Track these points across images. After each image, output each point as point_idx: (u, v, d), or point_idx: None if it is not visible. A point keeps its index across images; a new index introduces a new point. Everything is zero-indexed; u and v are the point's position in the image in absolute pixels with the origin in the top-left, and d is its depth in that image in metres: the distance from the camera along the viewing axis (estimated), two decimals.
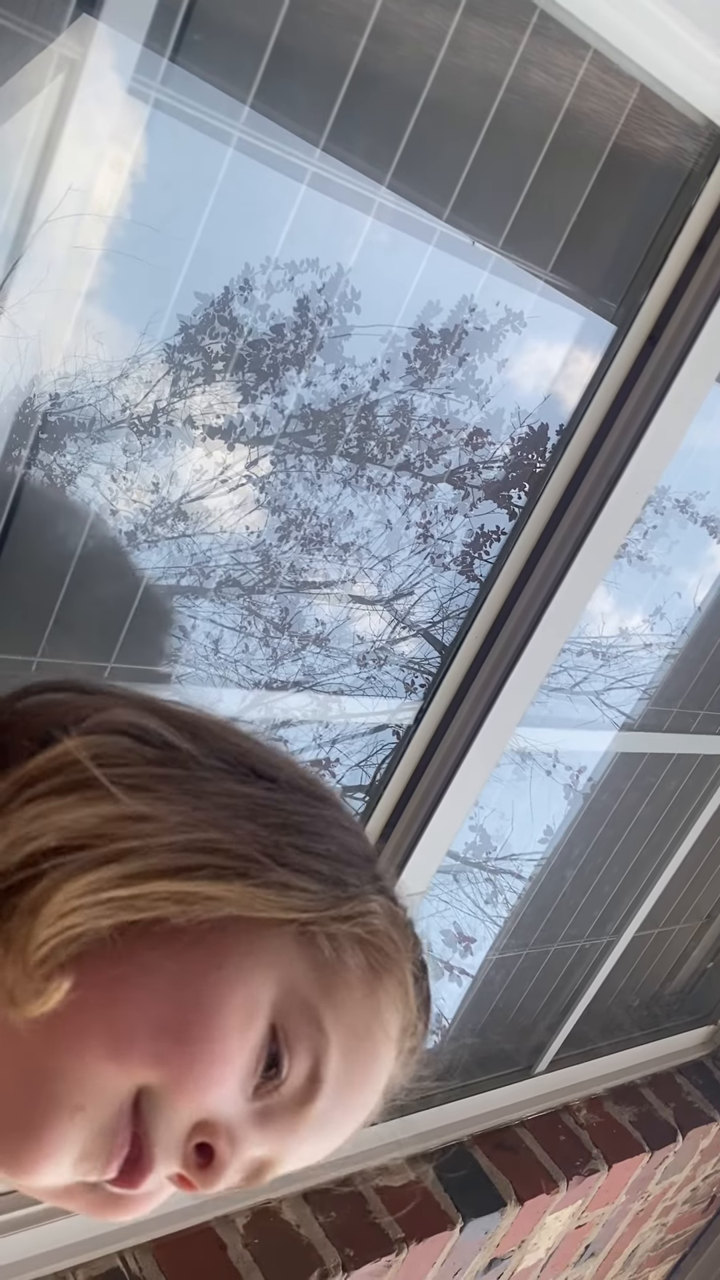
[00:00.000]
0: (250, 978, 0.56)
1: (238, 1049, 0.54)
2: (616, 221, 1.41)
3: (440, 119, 1.19)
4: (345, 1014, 0.59)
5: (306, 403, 1.29)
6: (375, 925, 0.62)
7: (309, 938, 0.59)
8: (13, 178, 0.95)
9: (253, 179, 1.11)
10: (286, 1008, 0.57)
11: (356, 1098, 0.61)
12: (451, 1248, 1.99)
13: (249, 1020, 0.55)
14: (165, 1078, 0.53)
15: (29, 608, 1.20)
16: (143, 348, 1.12)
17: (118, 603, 1.26)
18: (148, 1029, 0.53)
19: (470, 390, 1.42)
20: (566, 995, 2.46)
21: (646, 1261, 3.04)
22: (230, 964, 0.55)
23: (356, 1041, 0.60)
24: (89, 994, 0.53)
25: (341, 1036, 0.59)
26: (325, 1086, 0.58)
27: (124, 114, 0.99)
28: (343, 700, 1.54)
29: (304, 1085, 0.58)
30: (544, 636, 1.56)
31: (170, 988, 0.54)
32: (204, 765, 0.60)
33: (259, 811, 0.60)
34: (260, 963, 0.56)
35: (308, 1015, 0.57)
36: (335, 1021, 0.58)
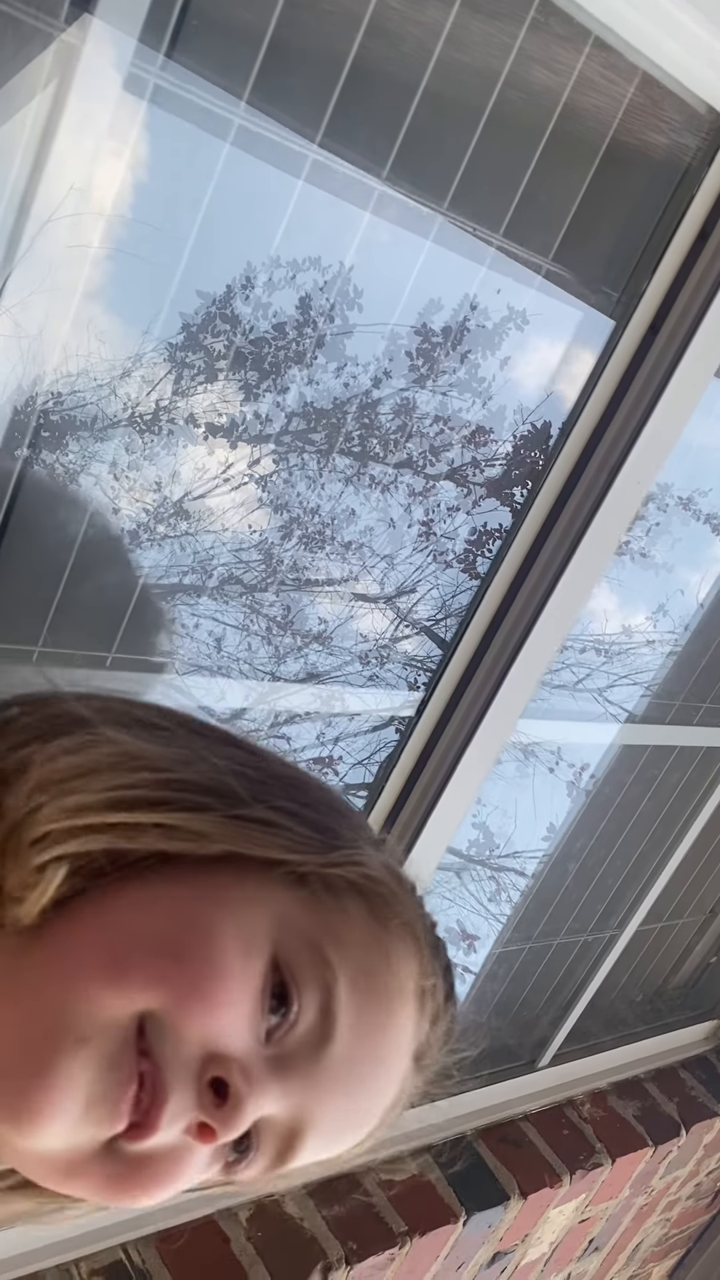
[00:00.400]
0: (248, 909, 0.55)
1: (240, 972, 0.53)
2: (616, 213, 1.40)
3: (438, 111, 1.18)
4: (351, 949, 0.57)
5: (308, 400, 1.28)
6: (371, 874, 0.61)
7: (302, 880, 0.58)
8: (10, 176, 0.95)
9: (251, 174, 1.11)
10: (288, 941, 0.55)
11: (377, 1043, 0.58)
12: (455, 1241, 1.99)
13: (248, 946, 0.54)
14: (167, 999, 0.51)
15: (29, 600, 1.20)
16: (144, 346, 1.12)
17: (118, 595, 1.26)
18: (145, 951, 0.52)
19: (472, 387, 1.41)
20: (570, 990, 2.46)
21: (650, 1256, 3.05)
22: (226, 897, 0.55)
23: (367, 977, 0.58)
24: (85, 924, 0.53)
25: (349, 970, 0.57)
26: (340, 1022, 0.56)
27: (121, 110, 0.98)
28: (345, 698, 1.54)
29: (317, 1021, 0.55)
30: (543, 631, 1.56)
31: (167, 915, 0.53)
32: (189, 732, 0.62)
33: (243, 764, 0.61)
34: (257, 897, 0.56)
35: (310, 948, 0.56)
36: (340, 955, 0.57)
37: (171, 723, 0.62)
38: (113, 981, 0.51)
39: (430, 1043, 0.64)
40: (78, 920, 0.53)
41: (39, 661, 1.20)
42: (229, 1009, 0.52)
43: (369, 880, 0.61)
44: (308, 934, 0.56)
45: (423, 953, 0.63)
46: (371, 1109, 0.60)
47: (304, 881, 0.58)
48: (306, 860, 0.58)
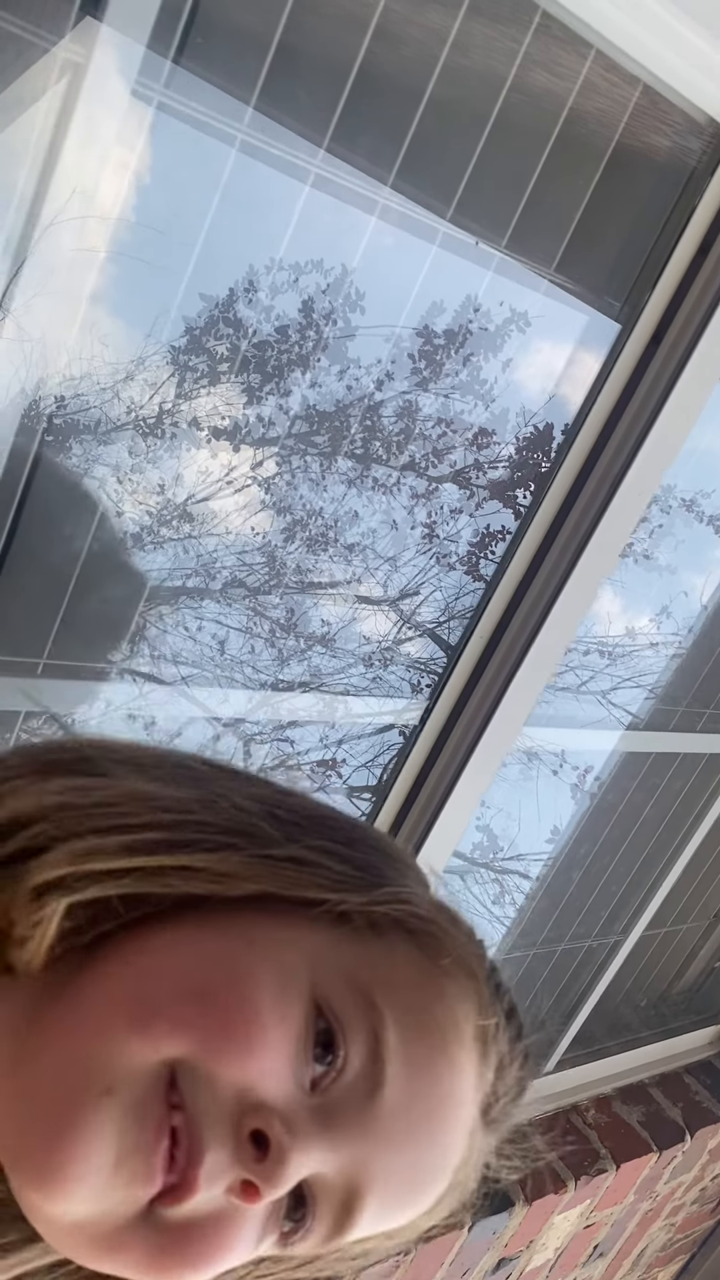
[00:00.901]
0: (282, 950, 0.51)
1: (275, 1014, 0.49)
2: (620, 220, 1.40)
3: (443, 119, 1.19)
4: (399, 992, 0.53)
5: (311, 404, 1.29)
6: (421, 912, 0.57)
7: (343, 919, 0.54)
8: (18, 181, 0.95)
9: (257, 180, 1.11)
10: (328, 984, 0.51)
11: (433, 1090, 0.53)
12: (460, 1248, 1.99)
13: (283, 988, 0.50)
14: (196, 1044, 0.47)
15: (35, 610, 1.20)
16: (148, 350, 1.13)
17: (123, 605, 1.27)
18: (172, 996, 0.48)
19: (475, 390, 1.42)
20: (574, 995, 2.46)
21: (655, 1261, 3.04)
22: (256, 938, 0.51)
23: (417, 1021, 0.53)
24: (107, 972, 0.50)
25: (398, 1012, 0.52)
26: (390, 1069, 0.51)
27: (128, 116, 0.99)
28: (349, 701, 1.54)
29: (365, 1068, 0.51)
30: (549, 635, 1.56)
31: (194, 959, 0.50)
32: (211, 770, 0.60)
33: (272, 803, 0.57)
34: (292, 939, 0.52)
35: (354, 990, 0.52)
36: (388, 999, 0.52)
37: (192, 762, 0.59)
38: (138, 1027, 0.47)
39: (497, 1093, 0.59)
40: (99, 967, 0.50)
41: (44, 674, 1.20)
42: (265, 1053, 0.48)
43: (417, 919, 0.57)
44: (351, 975, 0.52)
45: (481, 991, 0.58)
46: (436, 1165, 0.54)
47: (345, 920, 0.54)
48: (346, 899, 0.54)
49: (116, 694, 1.30)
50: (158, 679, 1.32)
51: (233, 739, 1.48)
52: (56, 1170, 0.46)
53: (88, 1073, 0.47)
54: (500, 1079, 0.58)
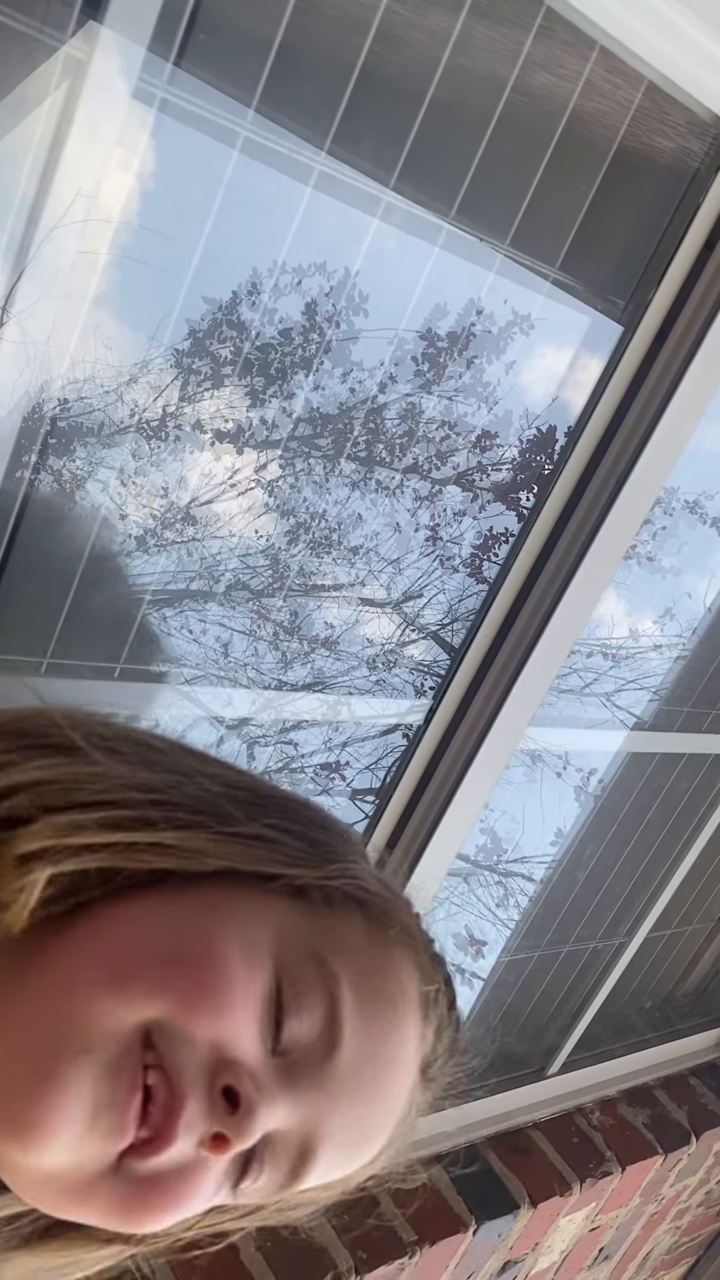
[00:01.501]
0: (247, 920, 0.55)
1: (244, 978, 0.52)
2: (623, 220, 1.40)
3: (446, 120, 1.18)
4: (352, 959, 0.57)
5: (315, 406, 1.28)
6: (367, 885, 0.62)
7: (300, 892, 0.59)
8: (20, 183, 0.95)
9: (259, 182, 1.11)
10: (289, 951, 0.55)
11: (383, 1050, 0.57)
12: (465, 1251, 1.98)
13: (250, 955, 0.53)
14: (173, 1005, 0.51)
15: (38, 610, 1.20)
16: (151, 353, 1.12)
17: (126, 604, 1.27)
18: (147, 959, 0.51)
19: (478, 392, 1.42)
20: (579, 997, 2.45)
21: (661, 1265, 3.03)
22: (225, 909, 0.55)
23: (369, 986, 0.57)
24: (85, 938, 0.52)
25: (352, 977, 0.56)
26: (345, 1030, 0.55)
27: (130, 117, 0.99)
28: (352, 703, 1.54)
29: (323, 1030, 0.55)
30: (553, 637, 1.56)
31: (167, 926, 0.53)
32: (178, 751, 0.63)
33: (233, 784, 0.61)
34: (256, 910, 0.56)
35: (312, 957, 0.56)
36: (343, 965, 0.56)
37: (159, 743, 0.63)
38: (116, 990, 0.50)
39: (436, 1053, 0.64)
40: (77, 934, 0.53)
41: (47, 673, 1.20)
42: (236, 1013, 0.52)
43: (364, 891, 0.61)
44: (309, 944, 0.56)
45: (422, 959, 0.63)
46: (382, 1120, 0.59)
47: (301, 894, 0.59)
48: (303, 873, 0.58)
49: (120, 695, 1.29)
50: (161, 680, 1.32)
51: (237, 741, 1.48)
52: (34, 1124, 0.48)
53: (65, 1032, 0.49)
54: (439, 1040, 0.63)
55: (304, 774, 1.60)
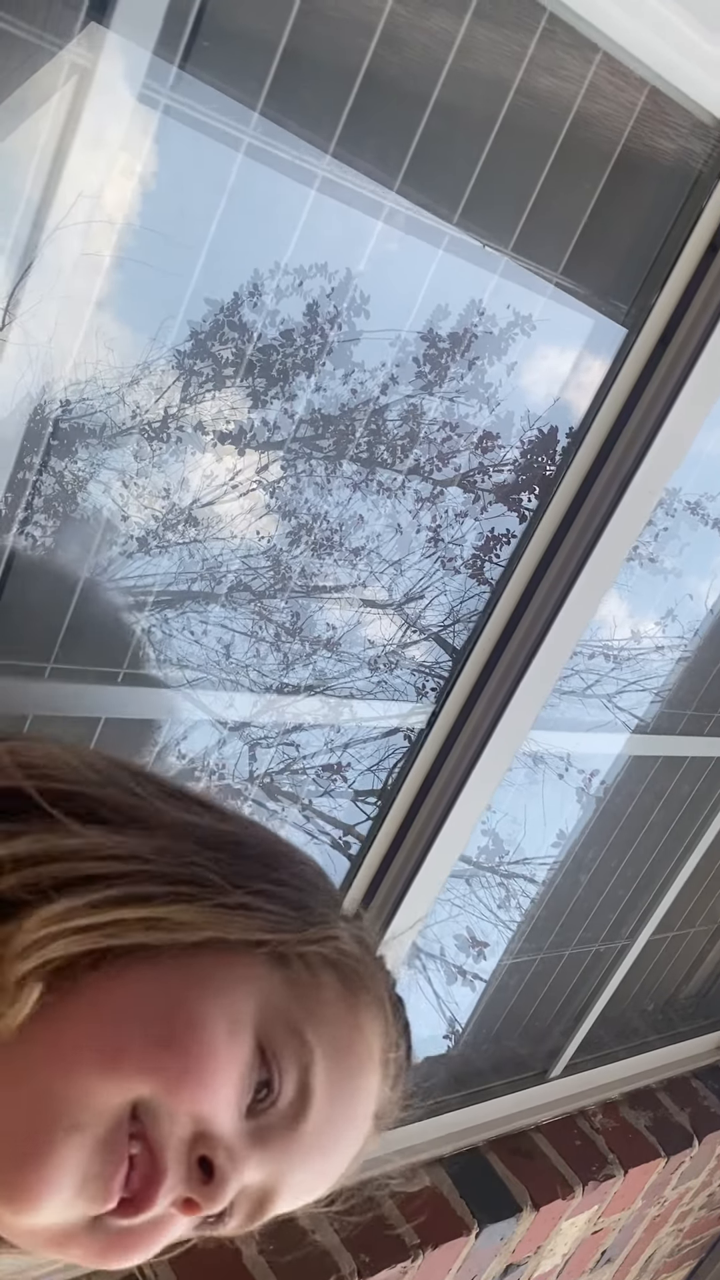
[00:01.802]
0: (232, 993, 0.57)
1: (227, 1057, 0.56)
2: (627, 223, 1.40)
3: (450, 123, 1.19)
4: (327, 1027, 0.61)
5: (316, 407, 1.29)
6: (345, 948, 0.64)
7: (282, 959, 0.61)
8: (24, 185, 0.95)
9: (263, 185, 1.11)
10: (269, 1023, 0.58)
11: (347, 1112, 0.62)
12: (467, 1254, 1.98)
13: (234, 1032, 0.56)
14: (160, 1084, 0.53)
15: (41, 615, 1.20)
16: (153, 354, 1.13)
17: (129, 609, 1.27)
18: (138, 1040, 0.54)
19: (480, 394, 1.42)
20: (581, 1000, 2.45)
21: (663, 1267, 3.03)
22: (211, 983, 0.57)
23: (340, 1054, 0.61)
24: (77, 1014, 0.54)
25: (326, 1048, 0.60)
26: (315, 1098, 0.59)
27: (134, 121, 0.99)
28: (354, 704, 1.54)
29: (295, 1098, 0.59)
30: (557, 639, 1.56)
31: (155, 1003, 0.55)
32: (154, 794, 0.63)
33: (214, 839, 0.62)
34: (239, 979, 0.58)
35: (290, 1029, 0.59)
36: (318, 1034, 0.60)
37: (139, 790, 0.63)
38: (107, 1071, 0.53)
39: (391, 1102, 0.68)
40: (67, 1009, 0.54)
41: (51, 678, 1.20)
42: (218, 1090, 0.55)
43: (342, 955, 0.64)
44: (288, 1015, 0.59)
45: (389, 1023, 0.67)
46: (338, 1166, 0.64)
47: (283, 959, 0.61)
48: (286, 939, 0.61)
49: (122, 698, 1.30)
50: (163, 683, 1.32)
51: (239, 742, 1.48)
52: (26, 1193, 0.52)
53: (59, 1110, 0.52)
54: (394, 1091, 0.68)
55: (305, 775, 1.60)
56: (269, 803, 1.59)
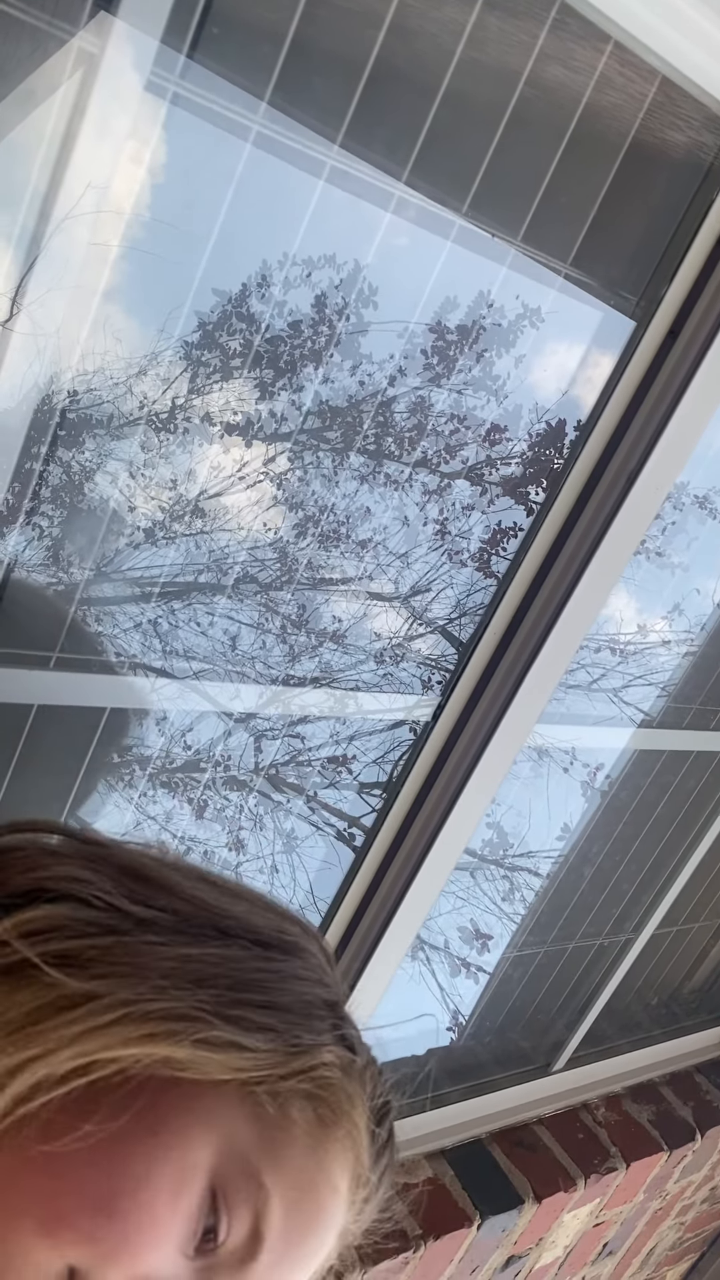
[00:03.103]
0: (186, 1141, 0.55)
1: (169, 1216, 0.54)
2: (637, 215, 1.40)
3: (459, 113, 1.18)
4: (288, 1169, 0.58)
5: (324, 399, 1.28)
6: (327, 1078, 0.61)
7: (252, 1094, 0.58)
8: (31, 174, 0.95)
9: (271, 175, 1.11)
10: (224, 1167, 0.56)
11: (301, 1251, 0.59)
12: (469, 1245, 1.99)
13: (181, 1186, 0.54)
14: (95, 1255, 0.52)
15: (48, 605, 1.20)
16: (160, 345, 1.12)
17: (135, 600, 1.27)
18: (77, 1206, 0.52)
19: (487, 386, 1.41)
20: (585, 993, 2.45)
21: (665, 1260, 3.03)
22: (165, 1129, 0.55)
23: (300, 1195, 0.58)
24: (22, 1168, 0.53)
25: (283, 1191, 0.57)
26: (267, 1243, 0.57)
27: (142, 110, 0.99)
28: (359, 696, 1.54)
29: (245, 1243, 0.57)
30: (563, 633, 1.56)
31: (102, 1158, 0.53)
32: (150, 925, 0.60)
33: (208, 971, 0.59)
34: (198, 1123, 0.56)
35: (247, 1173, 0.56)
36: (277, 1178, 0.57)
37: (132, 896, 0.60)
38: (45, 1235, 0.52)
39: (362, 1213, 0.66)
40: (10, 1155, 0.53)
41: (57, 667, 1.20)
42: (156, 1253, 0.53)
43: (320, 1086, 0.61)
44: (246, 1157, 0.56)
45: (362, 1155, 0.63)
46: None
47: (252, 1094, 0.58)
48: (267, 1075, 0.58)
49: (128, 689, 1.30)
50: (169, 674, 1.32)
51: (244, 734, 1.49)
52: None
53: None
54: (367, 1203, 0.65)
55: (311, 767, 1.60)
56: (274, 794, 1.59)
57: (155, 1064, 0.55)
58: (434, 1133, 2.07)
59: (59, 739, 1.29)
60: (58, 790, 1.34)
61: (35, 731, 1.23)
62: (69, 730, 1.30)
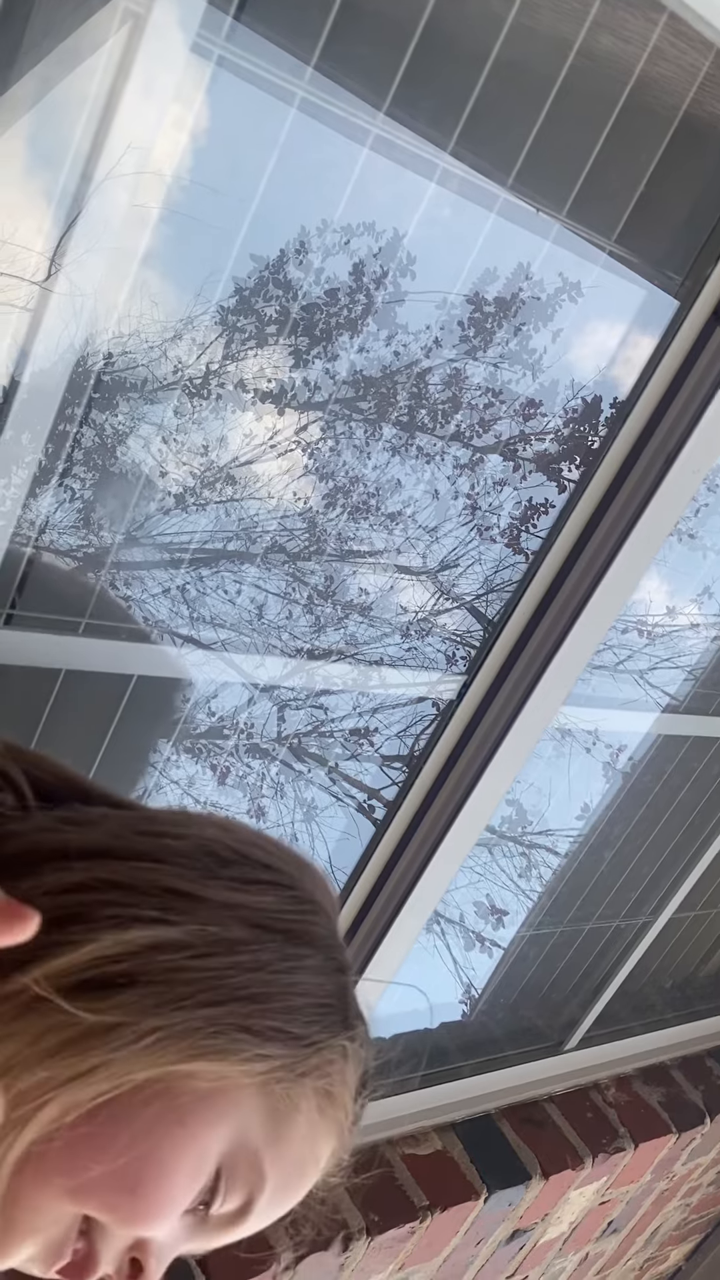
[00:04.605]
0: (208, 1133, 0.59)
1: (183, 1197, 0.59)
2: (685, 192, 1.37)
3: (508, 83, 1.16)
4: (286, 1157, 0.63)
5: (358, 369, 1.28)
6: (332, 1073, 0.65)
7: (268, 1089, 0.62)
8: (74, 134, 0.95)
9: (314, 141, 1.10)
10: (234, 1155, 0.61)
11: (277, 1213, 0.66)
12: (475, 1217, 2.01)
13: (198, 1172, 0.59)
14: (114, 1219, 0.58)
15: (78, 570, 1.20)
16: (197, 309, 1.12)
17: (164, 566, 1.27)
18: (106, 1181, 0.57)
19: (524, 360, 1.40)
20: (600, 974, 2.46)
21: (669, 1240, 3.05)
22: (191, 1121, 0.59)
23: (289, 1177, 0.64)
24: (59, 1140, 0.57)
25: (277, 1175, 0.63)
26: (253, 1213, 0.63)
27: (186, 72, 0.98)
28: (384, 670, 1.54)
29: (234, 1214, 0.63)
30: (593, 614, 1.54)
31: (132, 1141, 0.57)
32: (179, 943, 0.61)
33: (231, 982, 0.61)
34: (219, 1117, 0.60)
35: (251, 1162, 0.62)
36: (275, 1166, 0.63)
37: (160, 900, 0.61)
38: (73, 1199, 0.57)
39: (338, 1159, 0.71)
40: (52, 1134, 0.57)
41: (86, 633, 1.21)
42: (165, 1223, 0.59)
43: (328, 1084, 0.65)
44: (254, 1148, 0.61)
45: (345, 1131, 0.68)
46: None
47: (268, 1089, 0.62)
48: (283, 1076, 0.62)
49: (157, 656, 1.30)
50: (196, 641, 1.33)
51: (268, 703, 1.49)
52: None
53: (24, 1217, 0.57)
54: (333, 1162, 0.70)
55: (333, 739, 1.61)
56: (296, 763, 1.59)
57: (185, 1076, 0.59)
58: (443, 1106, 2.08)
59: (86, 705, 1.30)
60: (83, 756, 1.35)
61: (63, 697, 1.23)
62: (96, 696, 1.31)
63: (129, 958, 0.58)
